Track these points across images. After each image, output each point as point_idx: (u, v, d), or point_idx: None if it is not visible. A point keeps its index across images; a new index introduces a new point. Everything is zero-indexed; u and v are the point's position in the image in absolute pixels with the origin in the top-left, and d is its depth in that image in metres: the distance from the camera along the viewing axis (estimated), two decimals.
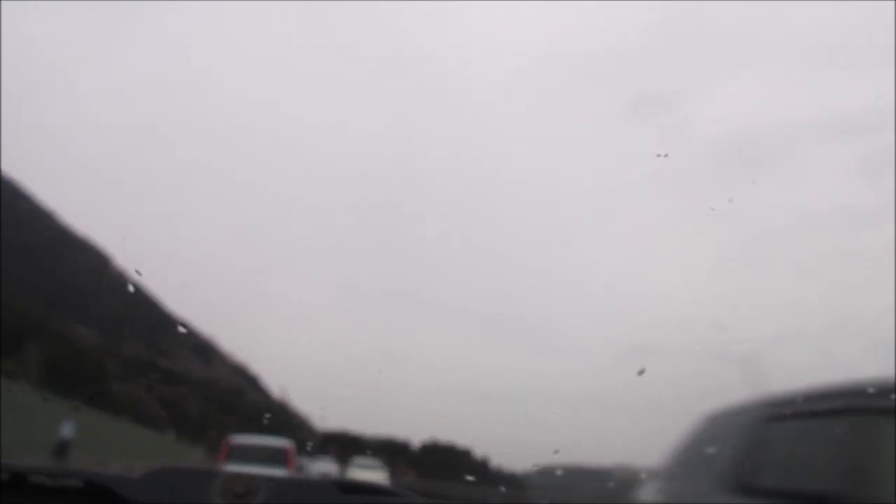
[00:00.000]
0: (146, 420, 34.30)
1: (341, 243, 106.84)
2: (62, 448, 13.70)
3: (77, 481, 1.45)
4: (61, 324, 43.79)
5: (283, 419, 66.34)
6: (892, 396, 2.42)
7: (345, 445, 48.36)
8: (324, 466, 26.36)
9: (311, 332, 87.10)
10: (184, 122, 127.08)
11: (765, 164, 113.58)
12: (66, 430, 14.27)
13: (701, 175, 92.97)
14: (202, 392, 54.64)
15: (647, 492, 4.30)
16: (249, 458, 13.11)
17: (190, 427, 42.12)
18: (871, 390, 2.53)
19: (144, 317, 68.12)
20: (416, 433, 64.04)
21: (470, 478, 41.50)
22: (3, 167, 66.90)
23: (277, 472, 12.16)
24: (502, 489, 35.50)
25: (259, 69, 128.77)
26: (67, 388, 28.69)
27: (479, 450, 59.57)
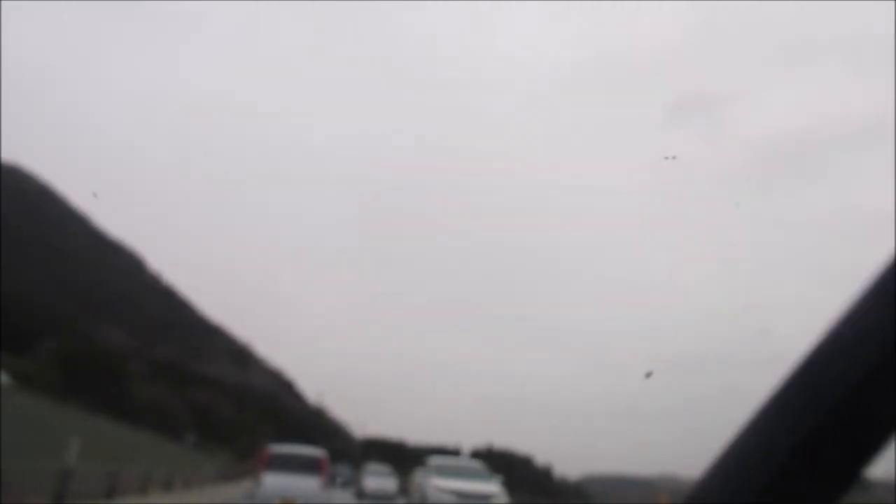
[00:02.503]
0: (169, 423, 32.46)
1: (380, 253, 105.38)
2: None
3: None
4: (88, 324, 42.51)
5: (320, 425, 64.68)
6: None
7: (387, 452, 46.15)
8: (377, 482, 23.16)
9: (347, 340, 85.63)
10: (221, 134, 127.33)
11: (810, 167, 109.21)
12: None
13: (744, 178, 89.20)
14: (237, 396, 53.04)
15: None
16: (285, 466, 13.35)
17: (219, 432, 40.29)
18: None
19: (180, 320, 67.22)
20: (458, 440, 61.60)
21: None
22: (35, 170, 66.89)
23: (312, 480, 13.29)
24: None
25: (293, 83, 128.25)
26: (84, 389, 26.92)
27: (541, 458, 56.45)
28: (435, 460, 16.05)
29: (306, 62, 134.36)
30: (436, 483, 14.29)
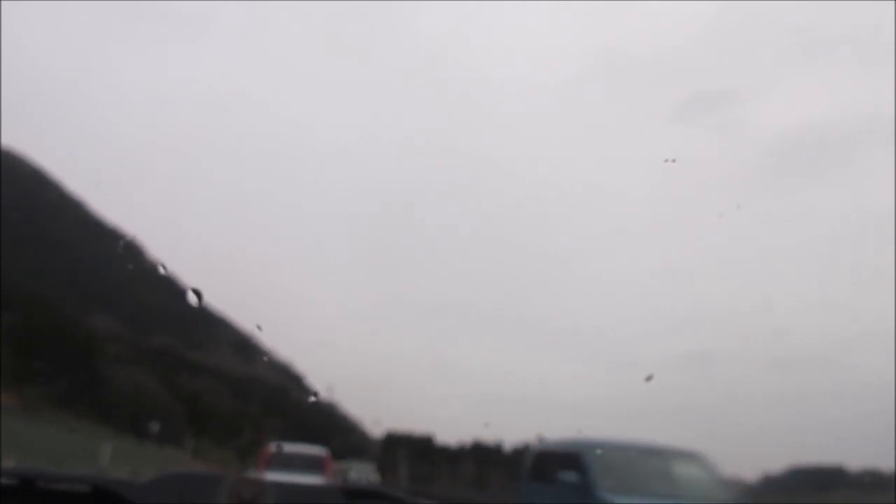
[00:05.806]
0: (157, 415, 28.41)
1: (394, 252, 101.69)
2: None
3: (84, 486, 1.43)
4: (79, 311, 38.77)
5: (332, 421, 60.72)
6: None
7: (414, 449, 42.43)
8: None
9: (359, 338, 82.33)
10: (230, 130, 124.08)
11: (825, 165, 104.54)
12: None
13: (758, 177, 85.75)
14: (240, 390, 49.19)
15: None
16: (288, 465, 13.31)
17: (218, 426, 36.20)
18: None
19: (181, 310, 63.59)
20: (491, 436, 57.71)
21: None
22: (31, 155, 63.66)
23: (315, 479, 12.90)
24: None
25: (303, 83, 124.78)
26: (46, 371, 22.88)
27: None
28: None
29: (318, 63, 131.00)
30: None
